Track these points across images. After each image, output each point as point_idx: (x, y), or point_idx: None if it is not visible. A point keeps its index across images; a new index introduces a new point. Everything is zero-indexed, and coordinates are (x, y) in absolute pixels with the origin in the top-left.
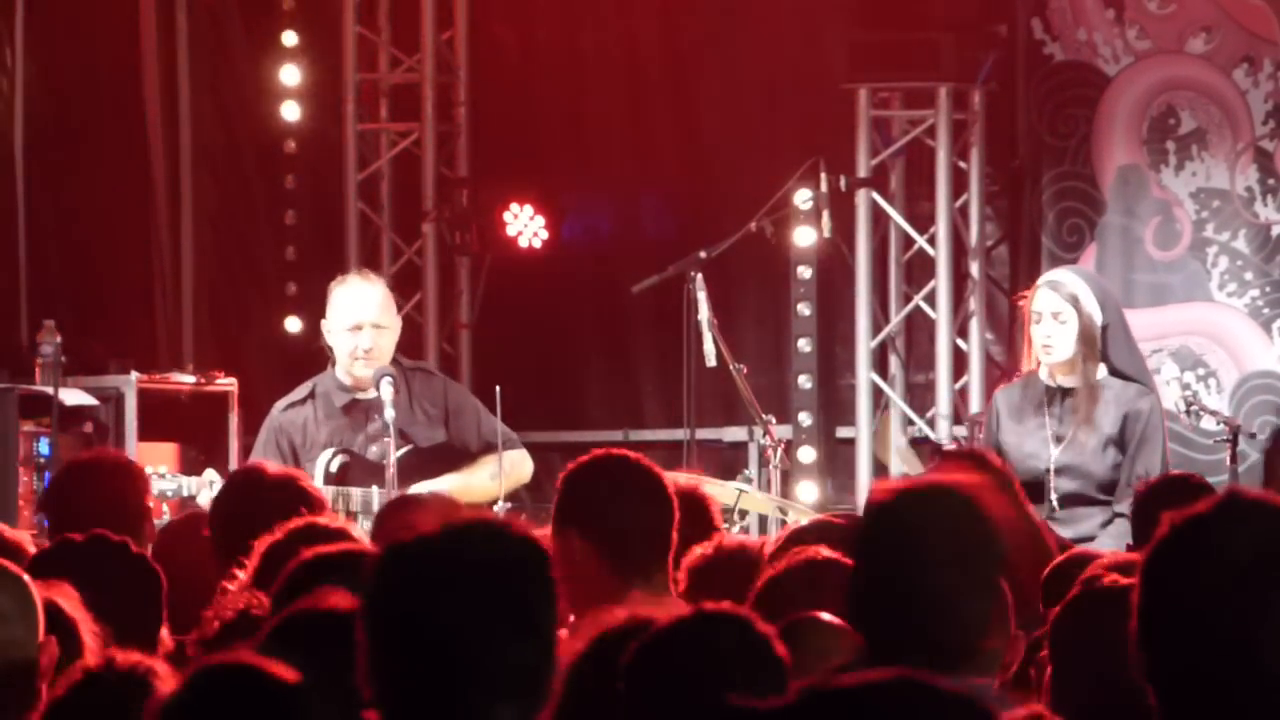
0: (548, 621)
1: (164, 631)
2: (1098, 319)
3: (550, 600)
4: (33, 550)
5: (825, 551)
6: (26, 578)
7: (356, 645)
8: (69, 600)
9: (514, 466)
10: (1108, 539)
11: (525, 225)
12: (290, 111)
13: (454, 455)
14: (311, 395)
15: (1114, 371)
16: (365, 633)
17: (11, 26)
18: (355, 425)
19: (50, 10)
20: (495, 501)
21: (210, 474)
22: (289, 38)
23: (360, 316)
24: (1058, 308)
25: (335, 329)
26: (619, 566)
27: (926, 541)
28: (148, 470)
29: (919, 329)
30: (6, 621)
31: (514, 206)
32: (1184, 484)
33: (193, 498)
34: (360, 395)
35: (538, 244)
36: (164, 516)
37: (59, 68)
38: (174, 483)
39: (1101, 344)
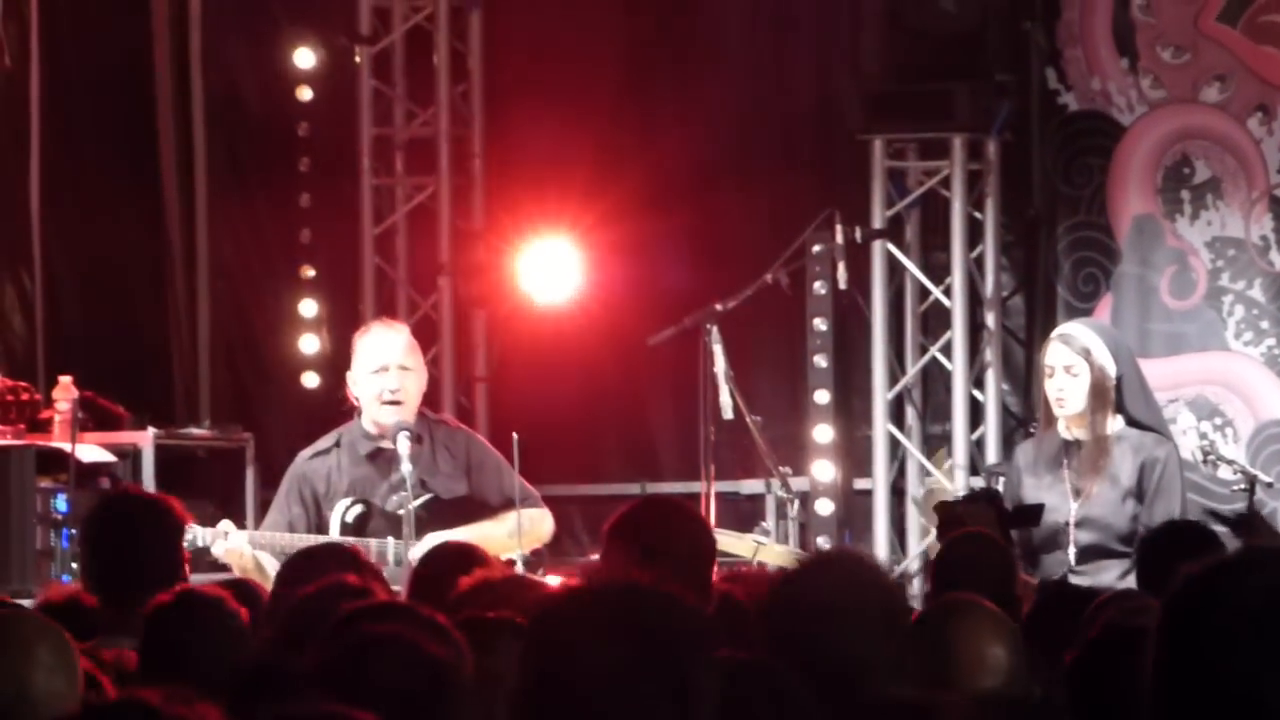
0: (707, 692)
1: None
2: (1111, 371)
3: (710, 670)
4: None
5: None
6: (66, 633)
7: None
8: None
9: (534, 524)
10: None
11: (547, 279)
12: (305, 165)
13: (474, 509)
14: (336, 445)
15: (1131, 422)
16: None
17: (27, 79)
18: (379, 474)
19: (65, 61)
20: (513, 557)
21: (225, 524)
22: (304, 93)
23: (386, 359)
24: (1069, 361)
25: (361, 375)
26: None
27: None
28: None
29: (935, 380)
30: (49, 673)
31: (536, 258)
32: (1186, 530)
33: (206, 549)
34: (385, 444)
35: (559, 300)
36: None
37: (75, 121)
38: (190, 533)
39: (1117, 395)
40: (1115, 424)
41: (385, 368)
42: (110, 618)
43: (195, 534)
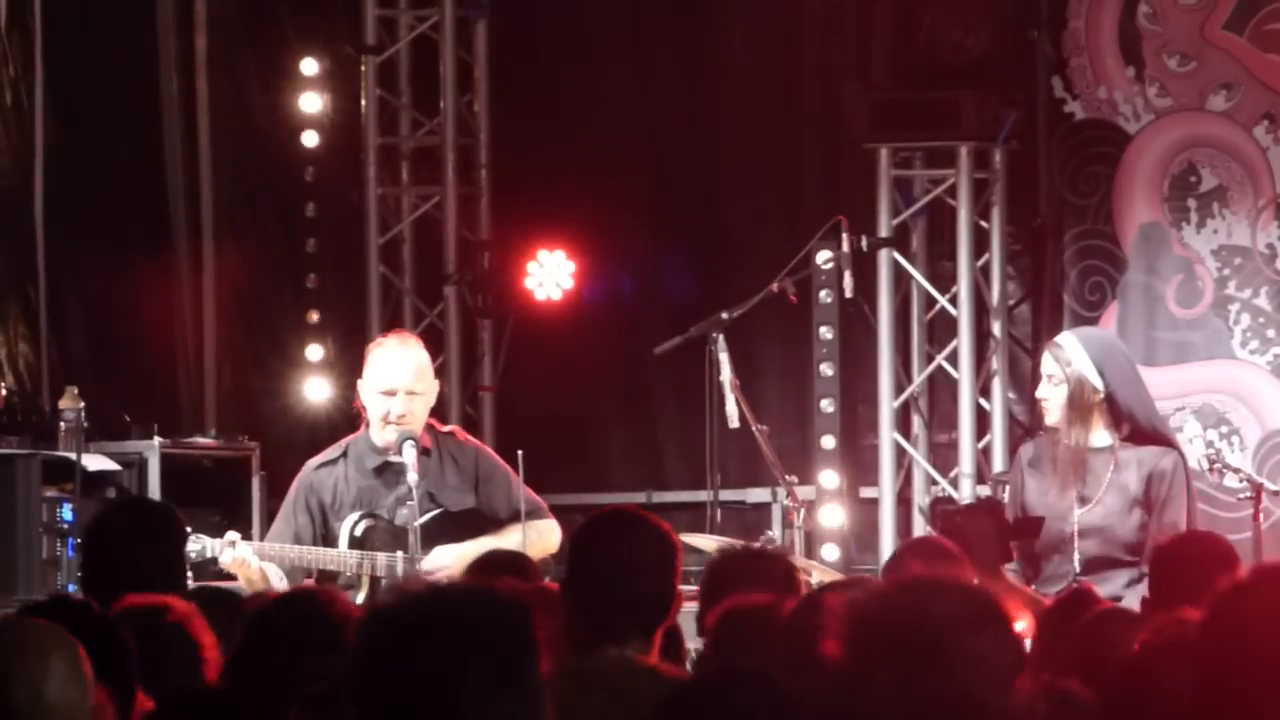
0: (532, 676)
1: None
2: (1094, 385)
3: (533, 656)
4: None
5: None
6: (78, 642)
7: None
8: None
9: (542, 536)
10: (1134, 598)
11: (548, 274)
12: (311, 175)
13: (483, 521)
14: (344, 455)
15: (1136, 433)
16: (352, 695)
17: (32, 94)
18: (386, 487)
19: (69, 77)
20: None
21: (232, 535)
22: (310, 101)
23: (394, 382)
24: (1052, 370)
25: (369, 391)
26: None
27: None
28: None
29: (941, 388)
30: (64, 684)
31: (541, 253)
32: (1200, 540)
33: (213, 559)
34: (392, 458)
35: (557, 295)
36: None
37: (79, 133)
38: (198, 544)
39: (1111, 409)
40: (1102, 438)
41: (393, 391)
42: None
43: (203, 544)
